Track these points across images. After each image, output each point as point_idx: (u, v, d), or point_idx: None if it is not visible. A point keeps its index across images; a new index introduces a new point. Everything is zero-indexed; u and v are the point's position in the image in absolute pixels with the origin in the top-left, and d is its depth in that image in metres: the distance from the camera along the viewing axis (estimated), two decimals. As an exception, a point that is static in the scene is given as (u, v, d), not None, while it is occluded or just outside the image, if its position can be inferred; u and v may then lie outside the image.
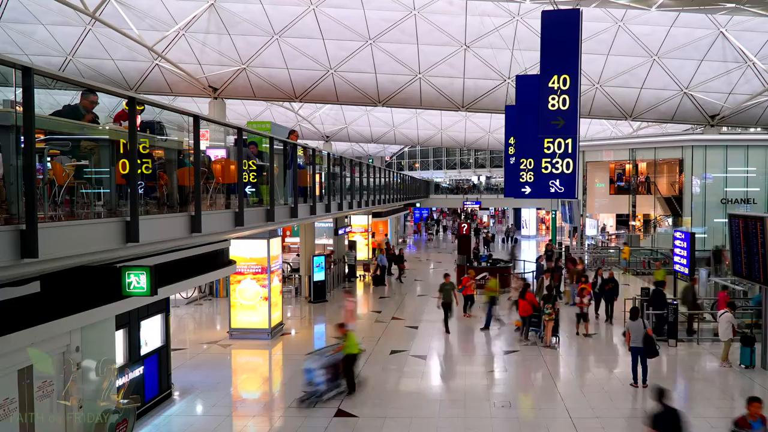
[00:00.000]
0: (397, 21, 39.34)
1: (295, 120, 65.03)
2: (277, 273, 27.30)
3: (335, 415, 17.21)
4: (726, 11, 33.37)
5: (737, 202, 44.96)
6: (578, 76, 16.90)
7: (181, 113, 12.39)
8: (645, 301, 26.85)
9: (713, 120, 46.73)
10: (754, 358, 21.72)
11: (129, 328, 15.87)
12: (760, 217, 21.13)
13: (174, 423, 16.73)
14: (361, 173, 33.86)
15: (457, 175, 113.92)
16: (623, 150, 52.36)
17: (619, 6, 34.75)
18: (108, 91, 10.59)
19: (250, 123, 33.26)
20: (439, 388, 20.14)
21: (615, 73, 43.46)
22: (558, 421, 17.17)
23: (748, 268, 21.99)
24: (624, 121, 56.61)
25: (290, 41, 40.26)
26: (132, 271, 10.44)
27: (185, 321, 29.36)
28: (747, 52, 40.79)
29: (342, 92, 45.01)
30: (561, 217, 62.84)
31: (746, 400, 12.51)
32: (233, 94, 44.46)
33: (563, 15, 17.93)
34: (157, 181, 11.80)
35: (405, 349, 24.16)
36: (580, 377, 21.61)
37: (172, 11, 37.66)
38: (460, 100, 46.02)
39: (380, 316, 30.33)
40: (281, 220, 18.22)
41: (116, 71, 42.62)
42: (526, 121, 21.06)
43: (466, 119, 68.73)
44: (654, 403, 13.05)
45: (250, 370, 23.03)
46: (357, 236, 47.73)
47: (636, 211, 51.94)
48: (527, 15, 38.48)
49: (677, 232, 29.89)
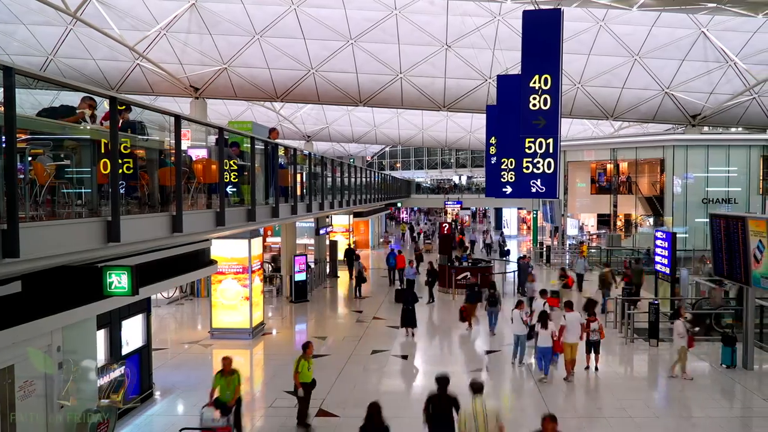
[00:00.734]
0: (378, 21, 39.40)
1: (277, 120, 64.97)
2: (259, 273, 27.28)
3: (316, 414, 17.22)
4: (707, 11, 33.52)
5: (718, 202, 45.29)
6: (559, 75, 16.97)
7: (162, 113, 12.39)
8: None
9: (694, 120, 46.99)
10: (735, 358, 21.78)
11: (110, 328, 15.84)
12: (741, 217, 21.27)
13: (155, 423, 16.71)
14: (342, 173, 33.87)
15: (439, 174, 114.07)
16: (604, 150, 52.59)
17: (600, 6, 34.86)
18: (89, 91, 10.61)
19: (231, 123, 33.31)
20: (420, 388, 20.16)
21: (596, 73, 43.65)
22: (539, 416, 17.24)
23: (729, 267, 22.11)
24: (605, 121, 56.82)
25: (272, 41, 40.26)
26: (113, 270, 10.43)
27: (166, 321, 29.29)
28: (728, 52, 41.03)
29: (323, 92, 45.03)
30: (542, 217, 62.92)
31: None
32: (214, 93, 44.42)
33: (544, 15, 18.00)
34: (139, 180, 11.78)
35: (386, 349, 24.18)
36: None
37: (154, 11, 37.60)
38: (442, 100, 46.12)
39: (361, 315, 30.35)
40: (262, 220, 18.23)
41: (97, 71, 42.52)
42: (507, 120, 21.11)
43: (448, 119, 68.87)
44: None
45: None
46: (338, 236, 47.73)
47: (617, 211, 52.08)
48: (508, 15, 38.59)
49: (658, 232, 29.98)
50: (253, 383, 21.35)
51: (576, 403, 18.99)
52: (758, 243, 19.84)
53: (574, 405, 18.78)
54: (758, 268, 20.08)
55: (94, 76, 42.56)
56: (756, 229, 19.97)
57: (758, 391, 19.56)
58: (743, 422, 17.41)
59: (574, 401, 19.12)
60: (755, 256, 20.14)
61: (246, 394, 20.04)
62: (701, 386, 20.33)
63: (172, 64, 41.42)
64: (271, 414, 17.48)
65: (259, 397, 19.53)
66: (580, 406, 18.69)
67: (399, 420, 16.76)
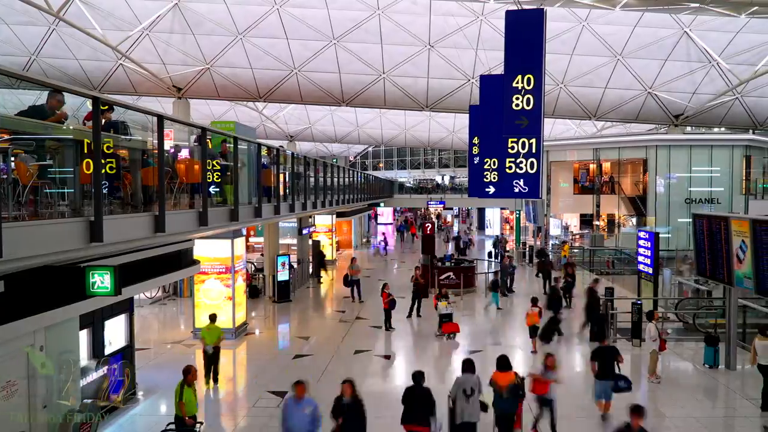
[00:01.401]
0: (361, 21, 39.41)
1: (260, 120, 64.93)
2: (241, 273, 27.26)
3: (299, 414, 17.24)
4: (690, 11, 33.57)
5: (701, 202, 45.46)
6: (542, 75, 16.96)
7: (145, 113, 12.42)
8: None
9: (677, 120, 47.12)
10: (718, 358, 21.83)
11: (93, 328, 15.83)
12: (724, 217, 21.31)
13: (138, 422, 16.69)
14: (325, 173, 33.90)
15: (421, 174, 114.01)
16: (587, 150, 52.69)
17: (583, 6, 34.86)
18: (72, 91, 10.60)
19: (214, 123, 33.22)
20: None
21: (579, 73, 43.75)
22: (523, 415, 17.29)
23: (712, 267, 22.19)
24: (588, 121, 56.90)
25: (254, 41, 40.23)
26: (96, 270, 10.46)
27: (149, 321, 29.22)
28: (711, 52, 41.15)
29: (306, 92, 45.01)
30: (525, 217, 62.99)
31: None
32: (197, 93, 44.33)
33: (527, 15, 17.97)
34: (122, 180, 11.79)
35: (369, 349, 24.20)
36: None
37: (136, 11, 37.51)
38: (424, 100, 46.16)
39: (344, 315, 30.36)
40: (245, 220, 18.27)
41: (80, 71, 42.39)
42: (490, 120, 21.05)
43: (430, 119, 68.88)
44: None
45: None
46: (321, 236, 47.72)
47: (600, 211, 52.15)
48: (491, 15, 38.61)
49: (641, 232, 30.03)
50: (236, 383, 21.35)
51: (558, 402, 19.03)
52: (741, 243, 19.90)
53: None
54: (741, 268, 20.14)
55: (77, 76, 42.44)
56: (739, 229, 20.02)
57: (741, 392, 19.61)
58: (726, 422, 17.48)
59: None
60: (738, 256, 20.20)
61: (228, 394, 20.09)
62: (684, 386, 20.38)
63: (155, 64, 41.34)
64: (254, 414, 17.46)
65: (241, 397, 19.53)
66: (562, 406, 18.73)
67: (381, 420, 16.82)
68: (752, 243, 19.05)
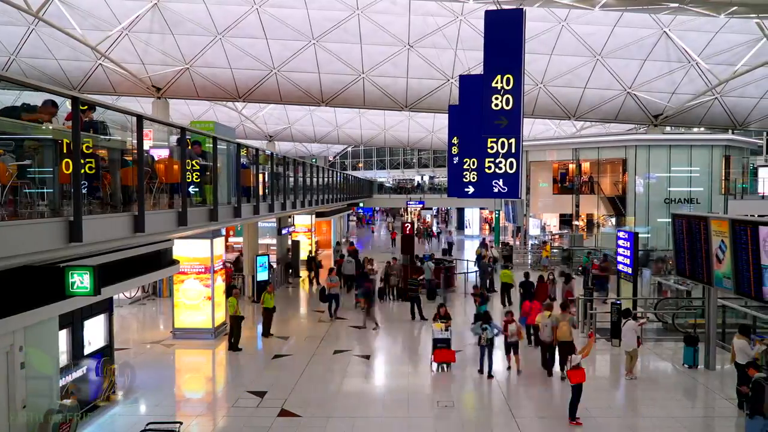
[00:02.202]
0: (340, 21, 39.42)
1: (239, 120, 64.89)
2: (221, 273, 27.25)
3: (279, 414, 17.24)
4: (669, 11, 33.62)
5: (681, 202, 45.59)
6: (521, 75, 16.98)
7: (124, 113, 12.43)
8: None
9: (656, 120, 47.33)
10: (697, 358, 21.98)
11: (72, 328, 15.81)
12: (704, 217, 21.36)
13: (118, 422, 16.66)
14: (304, 173, 33.89)
15: (401, 174, 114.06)
16: (567, 150, 52.78)
17: (562, 6, 34.85)
18: (51, 91, 10.60)
19: (193, 123, 33.28)
20: (382, 388, 20.21)
21: (558, 73, 43.90)
22: (500, 419, 17.37)
23: (691, 267, 22.29)
24: (567, 121, 57.05)
25: (234, 41, 40.20)
26: (75, 270, 10.46)
27: (128, 321, 29.15)
28: (690, 52, 41.35)
29: (285, 92, 45.01)
30: (504, 217, 63.07)
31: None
32: (177, 93, 44.27)
33: (506, 15, 17.98)
34: (101, 180, 11.78)
35: (348, 349, 24.23)
36: (521, 374, 21.82)
37: (116, 11, 37.42)
38: (404, 100, 46.23)
39: (323, 315, 30.37)
40: (225, 220, 18.27)
41: (60, 71, 42.29)
42: (469, 120, 21.05)
43: (410, 119, 68.97)
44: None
45: (194, 369, 22.99)
46: (300, 236, 47.69)
47: (579, 211, 52.25)
48: (470, 15, 38.69)
49: (620, 232, 30.10)
50: (215, 383, 21.36)
51: (537, 402, 19.13)
52: (720, 243, 19.96)
53: (536, 405, 18.93)
54: (720, 268, 20.19)
55: (56, 76, 42.33)
56: (718, 229, 20.07)
57: (720, 391, 19.72)
58: (706, 422, 17.61)
59: (535, 401, 19.26)
60: (717, 256, 20.25)
61: (208, 394, 20.09)
62: (664, 386, 20.49)
63: (134, 64, 41.26)
64: (234, 414, 17.48)
65: (221, 397, 19.53)
66: (542, 406, 18.84)
67: (362, 420, 16.89)
68: (731, 243, 19.11)
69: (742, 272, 18.74)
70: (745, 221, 18.90)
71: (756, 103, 46.21)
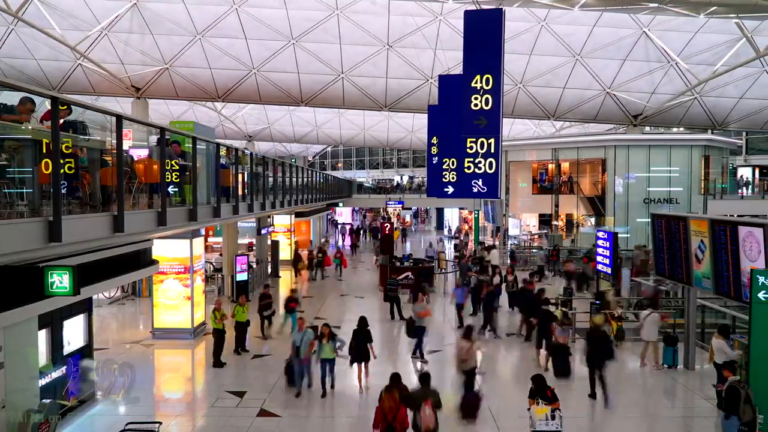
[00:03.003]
0: (320, 21, 39.50)
1: (218, 120, 64.82)
2: (200, 272, 27.22)
3: (258, 414, 17.26)
4: (649, 11, 33.77)
5: (660, 202, 45.75)
6: (501, 75, 16.97)
7: (104, 113, 12.44)
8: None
9: (636, 120, 47.61)
10: (677, 357, 22.06)
11: (52, 328, 15.74)
12: (683, 217, 21.41)
13: (97, 423, 16.66)
14: (284, 173, 33.89)
15: (380, 174, 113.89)
16: (546, 150, 52.86)
17: (542, 6, 34.92)
18: (30, 91, 10.62)
19: (173, 123, 33.20)
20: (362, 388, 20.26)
21: (538, 73, 44.09)
22: (480, 416, 17.41)
23: (670, 267, 22.37)
24: (547, 121, 57.23)
25: (213, 41, 40.20)
26: (55, 270, 10.46)
27: (108, 321, 29.06)
28: (670, 52, 41.60)
29: (265, 92, 45.03)
30: (484, 217, 63.11)
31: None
32: (156, 93, 44.24)
33: (486, 15, 17.98)
34: (81, 180, 11.79)
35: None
36: (504, 370, 21.90)
37: (95, 11, 37.39)
38: (383, 100, 46.32)
39: (303, 315, 30.30)
40: (204, 220, 18.29)
41: (39, 71, 42.23)
42: (448, 120, 21.07)
43: (389, 119, 69.04)
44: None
45: (173, 369, 22.98)
46: (279, 236, 47.65)
47: (559, 211, 52.33)
48: (450, 15, 38.82)
49: (600, 232, 30.18)
50: (194, 383, 21.35)
51: (516, 404, 19.16)
52: (700, 243, 20.03)
53: (514, 406, 18.95)
54: (700, 268, 20.27)
55: (35, 76, 42.26)
56: (697, 229, 20.14)
57: (700, 391, 19.79)
58: (685, 422, 17.67)
59: (513, 402, 19.28)
60: (697, 256, 20.31)
61: (187, 394, 20.08)
62: (643, 386, 20.69)
63: (114, 64, 41.21)
64: (213, 414, 17.49)
65: (201, 397, 19.54)
66: (521, 407, 18.87)
67: (342, 419, 16.93)
68: (711, 243, 19.21)
69: (722, 272, 18.84)
70: (725, 221, 19.02)
71: (735, 103, 46.57)
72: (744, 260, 17.52)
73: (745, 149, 69.53)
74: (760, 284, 14.64)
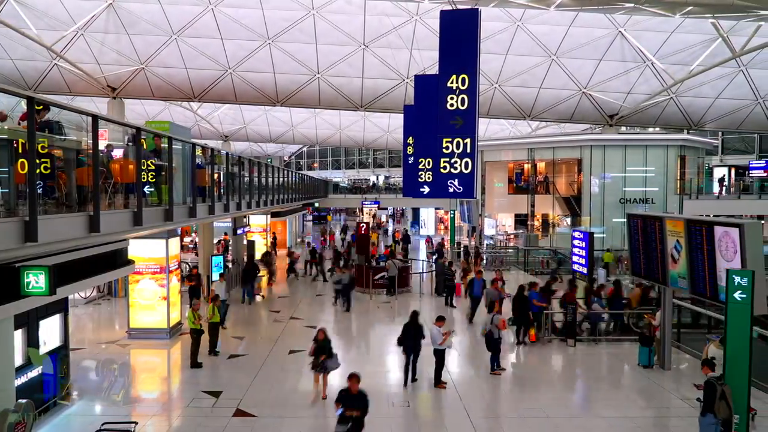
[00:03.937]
0: (296, 20, 39.54)
1: (194, 120, 64.73)
2: (176, 272, 27.19)
3: (234, 414, 17.25)
4: (625, 11, 33.93)
5: (636, 202, 46.08)
6: (477, 75, 17.00)
7: (79, 113, 12.44)
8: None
9: (612, 120, 47.91)
10: (652, 357, 22.14)
11: (27, 328, 15.74)
12: (659, 217, 21.52)
13: (73, 423, 16.62)
14: (260, 173, 33.88)
15: (356, 174, 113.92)
16: (522, 150, 53.16)
17: (517, 6, 34.96)
18: (6, 91, 10.62)
19: (148, 123, 33.12)
20: (338, 388, 20.23)
21: (514, 73, 44.28)
22: (456, 417, 17.49)
23: (646, 267, 22.48)
24: (523, 121, 57.50)
25: (189, 41, 40.17)
26: (31, 270, 10.49)
27: (84, 320, 28.96)
28: (645, 52, 41.88)
29: (241, 92, 45.05)
30: (459, 217, 63.20)
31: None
32: (132, 93, 44.19)
33: (462, 15, 18.01)
34: (57, 180, 11.79)
35: (303, 349, 24.13)
36: (475, 370, 21.99)
37: (71, 11, 37.29)
38: (359, 100, 46.39)
39: (279, 315, 30.37)
40: (180, 220, 18.29)
41: (15, 71, 42.11)
42: (424, 120, 21.13)
43: (365, 119, 69.17)
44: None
45: (149, 369, 22.90)
46: (255, 236, 47.59)
47: (535, 211, 52.53)
48: (426, 15, 38.96)
49: (576, 232, 30.27)
50: (170, 383, 21.32)
51: (493, 402, 19.28)
52: (675, 243, 20.13)
53: (491, 405, 19.07)
54: (675, 268, 20.38)
55: (11, 76, 42.14)
56: (673, 229, 20.25)
57: (675, 391, 19.89)
58: (660, 422, 17.72)
59: (490, 401, 19.40)
60: (672, 256, 20.41)
61: (163, 394, 20.07)
62: (619, 386, 20.83)
63: (90, 64, 41.14)
64: (189, 414, 17.48)
65: (176, 397, 19.51)
66: (497, 406, 18.99)
67: (318, 419, 16.97)
68: (687, 243, 19.33)
69: (698, 272, 18.98)
70: (701, 221, 19.17)
71: (711, 103, 46.93)
72: (720, 260, 17.66)
73: (721, 149, 70.14)
74: (736, 284, 14.75)
